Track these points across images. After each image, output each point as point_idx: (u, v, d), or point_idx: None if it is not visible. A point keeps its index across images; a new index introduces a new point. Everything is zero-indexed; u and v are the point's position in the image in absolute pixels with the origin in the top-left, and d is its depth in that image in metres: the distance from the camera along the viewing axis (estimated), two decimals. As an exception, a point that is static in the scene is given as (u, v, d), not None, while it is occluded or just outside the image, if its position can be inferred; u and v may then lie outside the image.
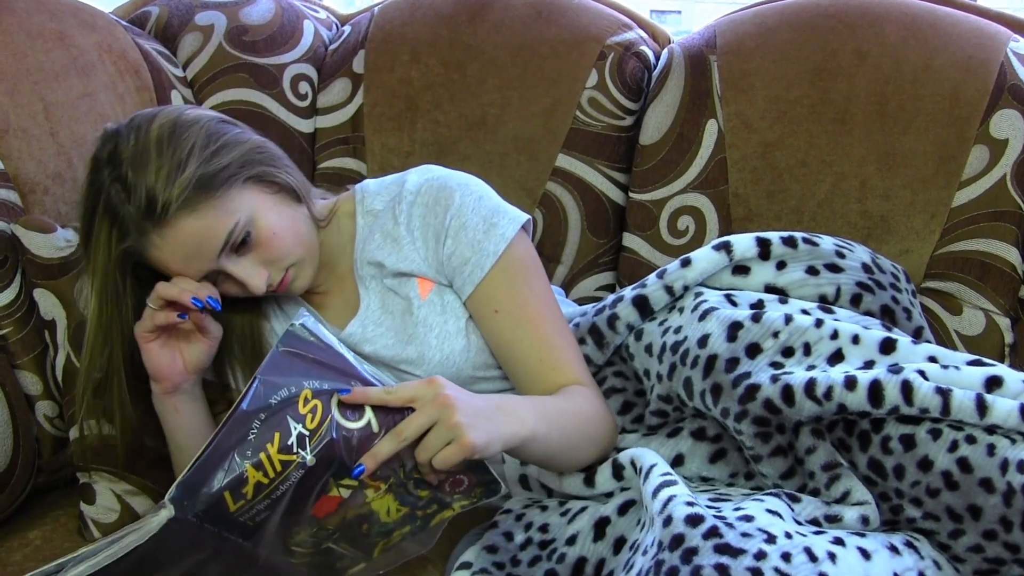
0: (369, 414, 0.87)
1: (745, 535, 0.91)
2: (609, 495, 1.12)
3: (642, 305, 1.19)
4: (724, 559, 0.88)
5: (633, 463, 1.08)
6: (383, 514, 0.90)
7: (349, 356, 0.90)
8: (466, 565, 1.09)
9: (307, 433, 0.84)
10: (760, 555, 0.88)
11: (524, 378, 1.16)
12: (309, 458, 0.84)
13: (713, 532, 0.91)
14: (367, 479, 0.87)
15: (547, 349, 1.15)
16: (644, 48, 1.60)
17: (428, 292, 1.19)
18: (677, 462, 1.14)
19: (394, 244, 1.20)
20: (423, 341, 1.18)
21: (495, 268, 1.16)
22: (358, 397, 0.88)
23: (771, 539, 0.91)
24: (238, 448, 0.83)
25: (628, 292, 1.21)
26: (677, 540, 0.91)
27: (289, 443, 0.84)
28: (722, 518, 0.93)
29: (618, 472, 1.10)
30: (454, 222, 1.16)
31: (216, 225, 1.07)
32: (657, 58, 1.61)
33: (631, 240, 1.54)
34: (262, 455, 0.83)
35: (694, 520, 0.92)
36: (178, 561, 0.89)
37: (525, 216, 1.20)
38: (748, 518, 0.94)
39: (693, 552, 0.89)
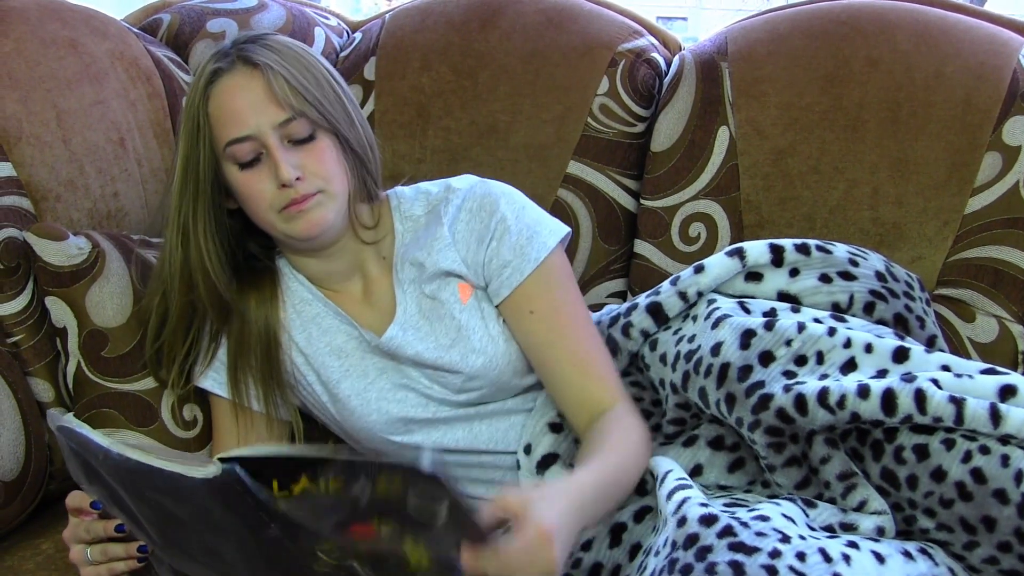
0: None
1: (760, 534, 0.91)
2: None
3: (656, 312, 1.19)
4: (739, 556, 0.88)
5: (652, 472, 1.08)
6: (413, 561, 0.89)
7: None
8: (481, 570, 1.08)
9: (374, 497, 0.82)
10: (775, 553, 0.88)
11: (556, 381, 1.16)
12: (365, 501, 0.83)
13: (727, 531, 0.91)
14: None
15: (580, 353, 1.15)
16: (655, 55, 1.60)
17: (468, 296, 1.19)
18: (695, 472, 1.14)
19: (436, 244, 1.20)
20: (466, 345, 1.17)
21: (534, 273, 1.16)
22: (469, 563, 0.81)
23: (786, 539, 0.91)
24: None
25: (642, 300, 1.21)
26: (691, 539, 0.91)
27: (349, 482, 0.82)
28: (736, 518, 0.93)
29: (640, 486, 1.10)
30: (499, 226, 1.18)
31: (288, 103, 1.11)
32: (668, 65, 1.60)
33: (643, 247, 1.54)
34: (321, 479, 0.82)
35: (708, 520, 0.92)
36: (200, 526, 0.89)
37: (566, 229, 1.21)
38: (763, 518, 0.94)
39: (708, 550, 0.89)
